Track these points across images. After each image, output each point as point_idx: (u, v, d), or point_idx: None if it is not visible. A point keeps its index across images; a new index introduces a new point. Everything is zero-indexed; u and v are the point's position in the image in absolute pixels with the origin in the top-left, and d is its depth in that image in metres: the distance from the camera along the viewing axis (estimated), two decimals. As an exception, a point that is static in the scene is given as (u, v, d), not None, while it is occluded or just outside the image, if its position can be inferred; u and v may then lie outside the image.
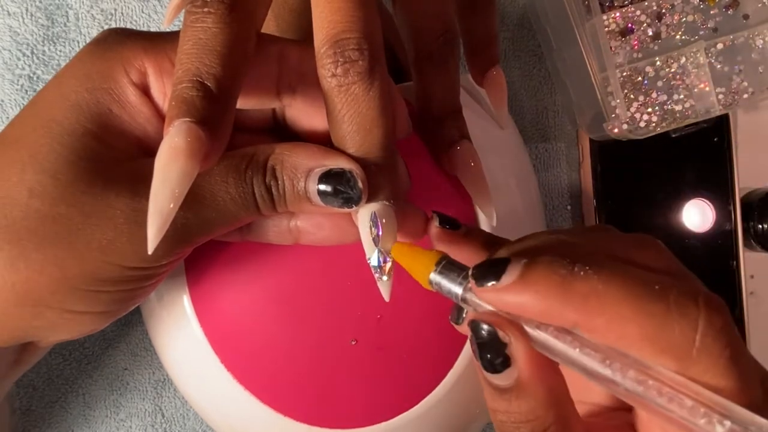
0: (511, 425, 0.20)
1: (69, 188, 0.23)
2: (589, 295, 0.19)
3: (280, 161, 0.23)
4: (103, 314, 0.25)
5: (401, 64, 0.35)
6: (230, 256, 0.29)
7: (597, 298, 0.19)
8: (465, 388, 0.30)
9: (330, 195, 0.23)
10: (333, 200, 0.23)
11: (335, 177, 0.23)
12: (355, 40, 0.22)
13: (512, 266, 0.20)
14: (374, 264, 0.23)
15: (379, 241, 0.23)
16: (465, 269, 0.22)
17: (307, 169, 0.23)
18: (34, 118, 0.24)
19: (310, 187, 0.23)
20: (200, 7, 0.22)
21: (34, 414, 0.38)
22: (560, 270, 0.20)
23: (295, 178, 0.23)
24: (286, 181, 0.23)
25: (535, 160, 0.43)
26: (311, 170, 0.23)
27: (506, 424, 0.21)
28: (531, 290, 0.20)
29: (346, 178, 0.23)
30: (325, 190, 0.23)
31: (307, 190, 0.23)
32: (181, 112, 0.21)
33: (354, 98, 0.22)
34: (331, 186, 0.23)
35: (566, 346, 0.20)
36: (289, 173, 0.23)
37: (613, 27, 0.40)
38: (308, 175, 0.23)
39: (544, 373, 0.20)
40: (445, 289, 0.22)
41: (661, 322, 0.19)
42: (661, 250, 0.22)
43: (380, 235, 0.23)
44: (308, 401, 0.29)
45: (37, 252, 0.23)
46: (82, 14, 0.40)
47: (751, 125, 0.45)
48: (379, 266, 0.23)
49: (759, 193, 0.44)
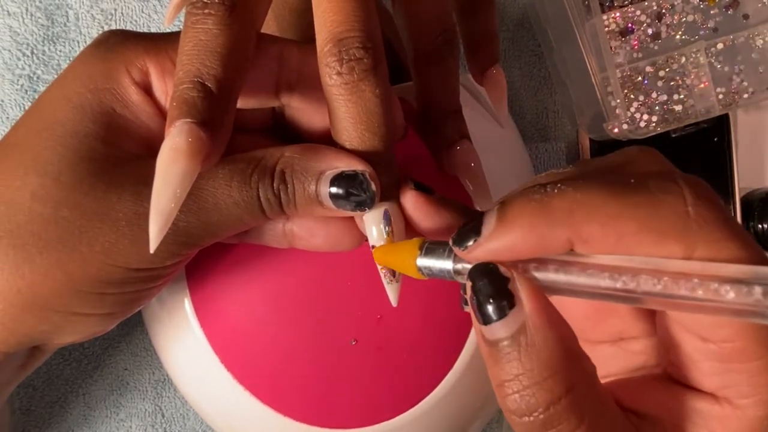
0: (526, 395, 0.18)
1: (72, 191, 0.23)
2: (573, 208, 0.18)
3: (289, 165, 0.23)
4: (108, 316, 0.25)
5: (401, 64, 0.35)
6: (230, 258, 0.29)
7: (581, 208, 0.18)
8: (465, 389, 0.30)
9: (342, 198, 0.22)
10: (345, 203, 0.23)
11: (347, 179, 0.22)
12: (359, 38, 0.22)
13: (488, 215, 0.19)
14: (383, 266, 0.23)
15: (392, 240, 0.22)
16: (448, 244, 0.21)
17: (319, 172, 0.23)
18: (36, 120, 0.24)
19: (322, 190, 0.23)
20: (201, 9, 0.22)
21: (34, 414, 0.38)
22: (534, 195, 0.19)
23: (306, 181, 0.23)
24: (297, 184, 0.23)
25: (535, 160, 0.43)
26: (322, 173, 0.23)
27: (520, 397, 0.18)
28: (515, 227, 0.19)
29: (358, 181, 0.22)
30: (337, 193, 0.22)
31: (318, 193, 0.23)
32: (182, 113, 0.21)
33: (361, 96, 0.22)
34: (343, 188, 0.22)
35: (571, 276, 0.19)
36: (300, 177, 0.23)
37: (613, 27, 0.40)
38: (319, 178, 0.23)
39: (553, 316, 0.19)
40: (435, 270, 0.21)
41: (650, 207, 0.18)
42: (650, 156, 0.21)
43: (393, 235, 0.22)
44: (308, 401, 0.29)
45: (41, 256, 0.23)
46: (82, 14, 0.40)
47: (751, 125, 0.45)
48: (388, 269, 0.23)
49: (759, 193, 0.44)
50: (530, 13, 0.43)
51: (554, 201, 0.18)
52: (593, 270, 0.18)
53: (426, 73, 0.28)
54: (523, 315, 0.18)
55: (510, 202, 0.19)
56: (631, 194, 0.18)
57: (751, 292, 0.17)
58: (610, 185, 0.18)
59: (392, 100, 0.24)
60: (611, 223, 0.18)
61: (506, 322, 0.18)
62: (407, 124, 0.28)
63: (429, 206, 0.23)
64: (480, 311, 0.19)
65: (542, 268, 0.19)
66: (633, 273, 0.18)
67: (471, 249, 0.19)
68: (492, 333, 0.19)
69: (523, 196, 0.19)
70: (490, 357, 0.19)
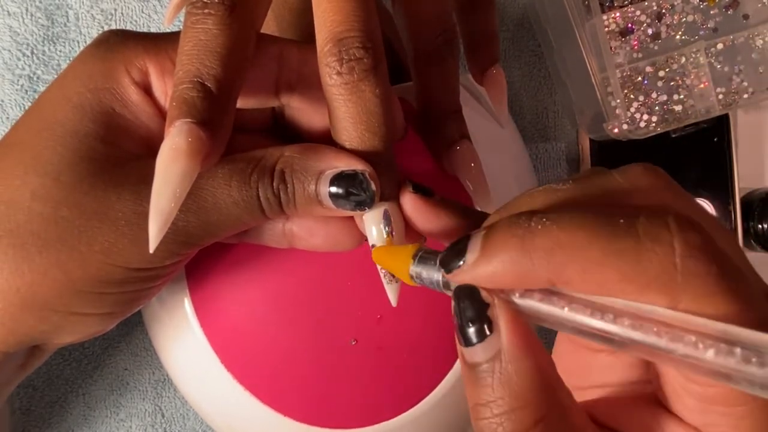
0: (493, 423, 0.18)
1: (71, 190, 0.23)
2: (553, 249, 0.17)
3: (289, 164, 0.23)
4: (108, 315, 0.25)
5: (401, 64, 0.35)
6: (230, 258, 0.29)
7: (562, 250, 0.17)
8: (465, 389, 0.30)
9: (342, 197, 0.22)
10: (345, 203, 0.23)
11: (347, 179, 0.22)
12: (359, 38, 0.22)
13: (473, 241, 0.19)
14: None
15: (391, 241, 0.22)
16: None
17: (318, 172, 0.23)
18: (36, 120, 0.24)
19: (322, 190, 0.23)
20: (201, 9, 0.22)
21: (34, 414, 0.38)
22: (517, 230, 0.18)
23: (306, 180, 0.23)
24: (296, 184, 0.23)
25: (535, 160, 0.43)
26: (322, 172, 0.23)
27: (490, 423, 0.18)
28: (496, 260, 0.18)
29: (358, 180, 0.22)
30: (337, 193, 0.22)
31: (318, 193, 0.23)
32: (181, 113, 0.21)
33: (361, 96, 0.22)
34: (343, 188, 0.22)
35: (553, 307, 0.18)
36: (300, 176, 0.23)
37: (613, 27, 0.40)
38: (319, 178, 0.23)
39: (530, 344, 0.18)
40: (426, 279, 0.21)
41: (635, 257, 0.17)
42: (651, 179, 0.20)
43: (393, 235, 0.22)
44: (308, 401, 0.29)
45: (40, 256, 0.23)
46: (82, 14, 0.40)
47: (751, 125, 0.45)
48: None
49: (759, 193, 0.44)
50: (530, 13, 0.43)
51: (536, 239, 0.18)
52: (577, 305, 0.18)
53: (426, 73, 0.28)
54: (499, 342, 0.18)
55: (494, 232, 0.18)
56: (617, 239, 0.17)
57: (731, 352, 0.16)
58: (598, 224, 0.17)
59: (392, 100, 0.24)
60: (592, 270, 0.17)
61: (484, 347, 0.18)
62: (407, 124, 0.29)
63: (428, 208, 0.23)
64: (461, 332, 0.19)
65: (526, 296, 0.19)
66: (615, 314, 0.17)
67: (455, 273, 0.19)
68: (471, 356, 0.19)
69: (507, 228, 0.18)
70: (467, 378, 0.19)
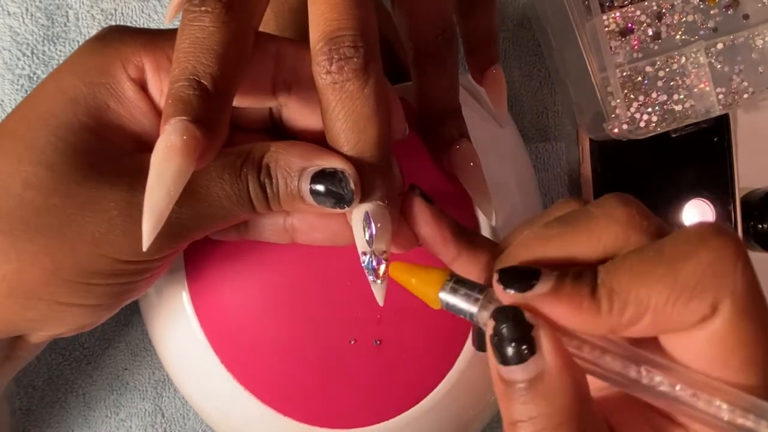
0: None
1: (64, 180, 0.23)
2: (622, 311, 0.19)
3: (274, 159, 0.23)
4: (95, 307, 0.25)
5: (401, 64, 0.35)
6: (230, 254, 0.29)
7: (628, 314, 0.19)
8: (465, 389, 0.30)
9: (322, 195, 0.23)
10: (325, 200, 0.23)
11: (328, 177, 0.22)
12: (351, 37, 0.22)
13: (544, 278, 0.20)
14: (367, 266, 0.23)
15: (372, 242, 0.23)
16: (477, 286, 0.21)
17: (300, 168, 0.23)
18: (31, 111, 0.24)
19: (303, 187, 0.23)
20: (198, 6, 0.22)
21: (34, 414, 0.38)
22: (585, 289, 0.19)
23: (288, 176, 0.23)
24: (280, 179, 0.23)
25: (535, 160, 0.43)
26: (304, 169, 0.23)
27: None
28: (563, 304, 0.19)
29: (338, 178, 0.22)
30: (318, 190, 0.23)
31: (300, 190, 0.23)
32: (177, 111, 0.21)
33: (348, 96, 0.22)
34: (324, 186, 0.23)
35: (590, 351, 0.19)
36: (283, 172, 0.23)
37: (613, 27, 0.40)
38: (301, 174, 0.23)
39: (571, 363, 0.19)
40: (456, 308, 0.21)
41: None
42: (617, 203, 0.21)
43: (374, 236, 0.23)
44: (308, 401, 0.29)
45: (29, 243, 0.23)
46: (82, 14, 0.40)
47: (751, 125, 0.45)
48: (372, 269, 0.23)
49: (759, 193, 0.44)
50: (530, 13, 0.43)
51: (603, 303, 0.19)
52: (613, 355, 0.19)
53: (425, 73, 0.28)
54: (543, 363, 0.19)
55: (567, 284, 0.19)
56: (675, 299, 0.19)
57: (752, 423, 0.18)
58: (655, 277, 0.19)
59: (389, 100, 0.23)
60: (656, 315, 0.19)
61: (525, 367, 0.19)
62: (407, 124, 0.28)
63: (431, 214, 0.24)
64: (499, 351, 0.19)
65: None
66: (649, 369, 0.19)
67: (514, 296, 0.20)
68: (509, 374, 0.19)
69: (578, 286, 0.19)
70: (504, 395, 0.20)
